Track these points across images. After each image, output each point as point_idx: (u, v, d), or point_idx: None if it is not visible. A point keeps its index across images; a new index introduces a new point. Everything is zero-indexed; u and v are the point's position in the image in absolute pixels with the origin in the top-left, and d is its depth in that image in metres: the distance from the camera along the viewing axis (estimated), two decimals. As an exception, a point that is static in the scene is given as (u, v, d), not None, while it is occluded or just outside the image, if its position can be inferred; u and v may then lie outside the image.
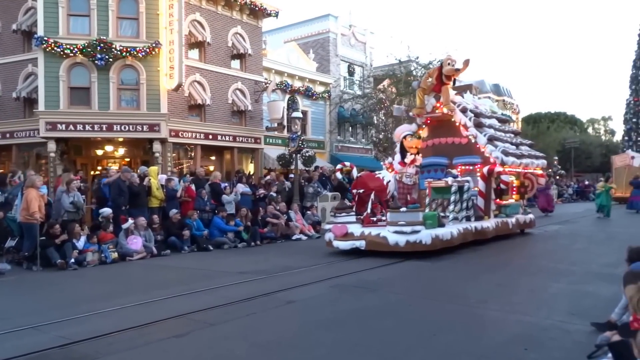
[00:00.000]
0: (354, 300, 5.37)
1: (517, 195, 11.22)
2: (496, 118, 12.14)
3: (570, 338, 3.82)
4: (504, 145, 10.41)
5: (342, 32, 24.43)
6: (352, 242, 8.21)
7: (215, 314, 4.82)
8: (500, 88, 41.80)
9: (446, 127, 10.52)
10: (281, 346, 3.84)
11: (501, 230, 9.97)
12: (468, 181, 9.43)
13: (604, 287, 5.40)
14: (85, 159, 14.62)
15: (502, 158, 9.83)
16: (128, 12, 13.76)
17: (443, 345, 3.77)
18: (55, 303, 5.57)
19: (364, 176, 9.79)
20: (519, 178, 11.32)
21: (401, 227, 7.84)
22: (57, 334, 4.23)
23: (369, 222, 8.59)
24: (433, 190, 9.62)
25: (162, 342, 3.98)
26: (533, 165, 11.29)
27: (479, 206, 9.74)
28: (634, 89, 32.61)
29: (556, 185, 28.14)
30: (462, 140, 10.33)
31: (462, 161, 10.24)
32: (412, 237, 7.76)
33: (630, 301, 2.84)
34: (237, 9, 16.77)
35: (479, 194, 9.78)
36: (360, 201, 9.10)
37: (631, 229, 12.35)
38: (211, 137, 15.98)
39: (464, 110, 10.42)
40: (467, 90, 12.13)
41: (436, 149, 10.65)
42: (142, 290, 5.97)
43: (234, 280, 6.50)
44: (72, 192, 8.98)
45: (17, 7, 14.24)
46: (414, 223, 7.87)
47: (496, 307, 4.83)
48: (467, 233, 8.76)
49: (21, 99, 14.07)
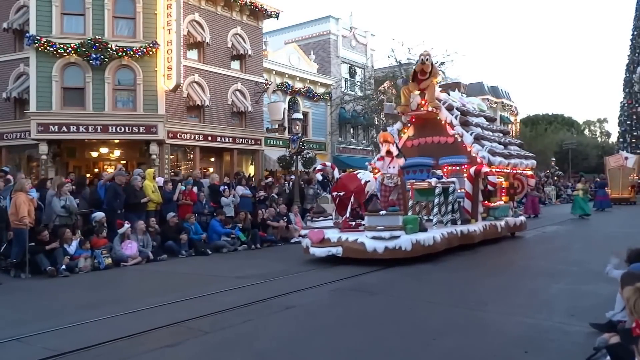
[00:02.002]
0: (354, 304, 5.28)
1: (507, 197, 10.77)
2: (484, 117, 11.72)
3: (569, 340, 3.81)
4: (491, 144, 10.05)
5: (343, 34, 24.25)
6: (329, 248, 7.60)
7: (210, 322, 4.63)
8: (498, 90, 41.93)
9: (432, 126, 10.13)
10: (279, 354, 3.72)
11: (489, 234, 9.48)
12: (454, 182, 8.99)
13: (602, 287, 5.32)
14: (79, 161, 14.27)
15: (489, 158, 9.45)
16: (124, 12, 13.49)
17: (443, 350, 3.73)
18: (43, 312, 5.29)
19: (344, 177, 9.20)
20: (508, 179, 10.89)
21: (379, 232, 7.27)
22: (43, 346, 4.00)
23: (347, 227, 8.06)
24: (416, 192, 9.08)
25: (153, 353, 3.79)
26: (522, 165, 10.90)
27: (466, 209, 9.29)
28: (627, 92, 33.05)
29: (554, 186, 28.00)
30: (448, 140, 9.94)
31: (448, 161, 9.85)
32: (391, 243, 7.20)
33: (627, 302, 2.78)
34: (237, 9, 16.51)
35: (466, 195, 9.36)
36: (340, 204, 8.55)
37: (627, 229, 12.37)
38: (210, 138, 15.65)
39: (450, 108, 10.04)
40: (455, 88, 11.71)
41: (422, 149, 10.26)
42: (135, 298, 5.73)
43: (232, 286, 6.26)
44: (63, 195, 8.57)
45: (9, 5, 13.96)
46: (393, 228, 7.31)
47: (496, 309, 4.81)
48: (452, 237, 8.28)
49: (12, 100, 13.77)
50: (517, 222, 10.83)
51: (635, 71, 30.74)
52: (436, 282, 6.40)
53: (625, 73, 33.65)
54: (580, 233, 12.08)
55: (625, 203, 22.94)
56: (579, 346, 3.57)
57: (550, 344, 3.70)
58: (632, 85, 32.46)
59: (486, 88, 40.09)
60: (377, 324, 4.41)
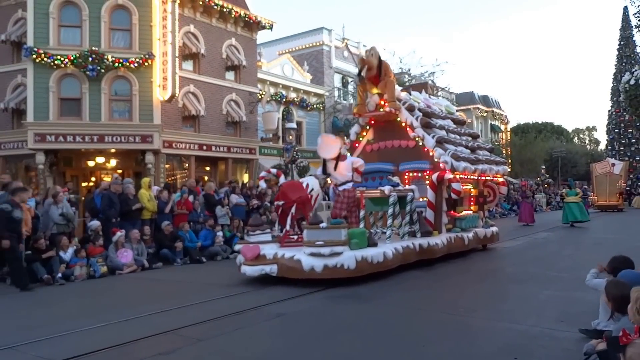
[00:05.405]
0: (345, 311, 5.25)
1: (476, 206, 9.84)
2: (452, 119, 10.82)
3: (559, 346, 3.80)
4: (456, 148, 9.17)
5: (335, 45, 24.60)
6: (262, 266, 6.70)
7: (203, 329, 4.64)
8: (489, 99, 42.51)
9: (392, 129, 9.24)
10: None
11: (455, 247, 8.57)
12: (412, 190, 8.15)
13: (592, 293, 5.34)
14: (75, 170, 14.34)
15: (453, 163, 8.54)
16: (121, 24, 13.68)
17: (433, 357, 3.73)
18: (38, 320, 5.30)
19: (285, 185, 8.05)
20: (477, 186, 10.05)
21: (318, 249, 6.33)
22: (36, 354, 4.01)
23: (287, 241, 7.21)
24: (368, 201, 7.96)
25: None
26: (492, 171, 9.99)
27: (428, 219, 8.44)
28: (615, 100, 33.72)
29: (545, 193, 28.34)
30: (410, 144, 9.07)
31: (408, 167, 9.00)
32: (331, 261, 6.25)
33: (633, 303, 2.85)
34: (231, 21, 16.76)
35: (428, 205, 8.52)
36: (283, 215, 7.66)
37: (616, 235, 12.49)
38: (205, 147, 15.79)
39: (411, 108, 9.18)
40: (421, 89, 10.98)
41: (381, 154, 9.37)
42: (129, 305, 5.74)
43: (224, 294, 6.29)
44: (60, 203, 8.70)
45: (7, 17, 14.08)
46: (335, 243, 6.38)
47: (486, 316, 4.79)
48: (408, 252, 7.40)
49: (9, 110, 13.84)
50: (488, 234, 9.89)
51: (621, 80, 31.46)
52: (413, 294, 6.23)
53: (612, 82, 34.40)
54: (570, 240, 12.01)
55: (612, 210, 23.16)
56: (569, 352, 3.57)
57: (540, 350, 3.68)
58: (619, 94, 33.22)
59: (477, 97, 40.67)
60: (369, 330, 4.42)
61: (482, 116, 40.73)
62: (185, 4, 15.08)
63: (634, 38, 33.68)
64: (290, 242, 7.25)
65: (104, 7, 13.34)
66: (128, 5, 13.59)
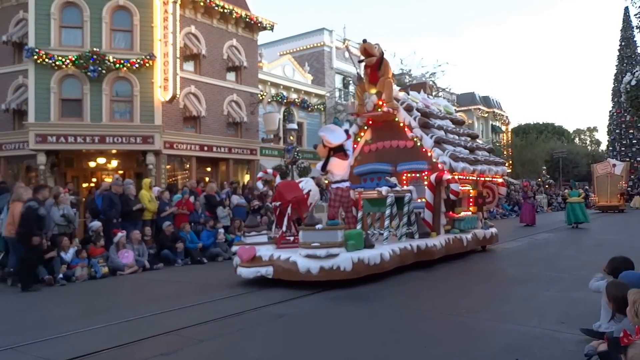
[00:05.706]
0: (346, 312, 5.25)
1: (475, 207, 9.76)
2: (450, 119, 10.76)
3: (560, 347, 3.80)
4: (454, 149, 9.12)
5: (336, 46, 24.61)
6: (258, 268, 6.68)
7: (204, 330, 4.64)
8: (490, 100, 42.51)
9: (390, 129, 9.19)
10: (270, 362, 3.71)
11: (453, 249, 8.51)
12: (410, 191, 8.06)
13: (593, 294, 5.40)
14: (76, 171, 14.37)
15: (451, 163, 8.47)
16: (122, 25, 13.72)
17: (434, 357, 3.73)
18: (39, 321, 5.31)
19: (280, 186, 7.96)
20: (476, 187, 9.98)
21: (314, 250, 6.28)
22: (37, 355, 4.01)
23: (283, 243, 7.17)
24: (366, 202, 7.90)
25: (146, 362, 3.79)
26: (491, 172, 9.90)
27: (426, 220, 8.34)
28: (616, 101, 33.80)
29: (546, 194, 28.30)
30: (408, 144, 9.02)
31: (406, 167, 8.94)
32: (327, 263, 6.23)
33: (631, 305, 2.86)
34: (232, 22, 16.78)
35: (426, 206, 8.42)
36: (280, 216, 7.59)
37: (617, 236, 12.45)
38: (206, 148, 15.81)
39: (409, 108, 9.10)
40: (420, 89, 10.86)
41: (379, 155, 9.33)
42: (130, 306, 5.74)
43: (225, 295, 6.28)
44: (62, 204, 8.70)
45: (8, 18, 14.13)
46: (331, 245, 6.32)
47: (487, 316, 4.80)
48: (405, 254, 7.31)
49: (11, 111, 13.88)
50: (487, 235, 9.83)
51: (622, 81, 31.49)
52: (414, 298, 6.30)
53: (613, 82, 34.47)
54: (571, 240, 11.99)
55: (613, 211, 23.11)
56: (570, 353, 3.58)
57: (541, 352, 3.69)
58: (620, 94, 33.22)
59: (478, 98, 40.71)
60: (369, 332, 4.44)
61: (483, 117, 40.77)
62: (186, 5, 15.11)
63: (634, 39, 33.72)
64: (287, 244, 7.18)
65: (105, 8, 13.38)
66: (129, 6, 13.63)
